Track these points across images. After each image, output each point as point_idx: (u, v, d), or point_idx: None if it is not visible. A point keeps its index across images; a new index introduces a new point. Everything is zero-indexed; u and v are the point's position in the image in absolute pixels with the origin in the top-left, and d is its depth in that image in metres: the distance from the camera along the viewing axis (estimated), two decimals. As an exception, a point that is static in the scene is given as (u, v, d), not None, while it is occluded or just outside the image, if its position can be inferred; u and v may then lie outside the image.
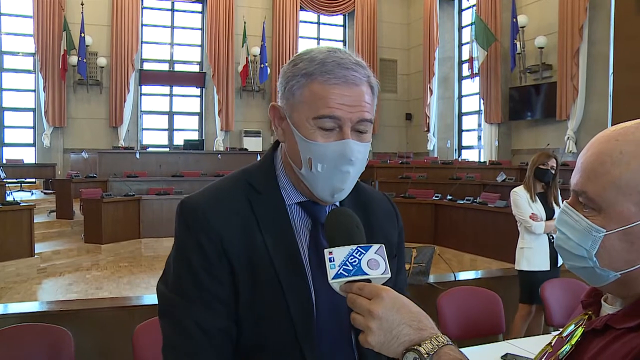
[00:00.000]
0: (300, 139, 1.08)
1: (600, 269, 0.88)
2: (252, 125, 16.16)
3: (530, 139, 13.34)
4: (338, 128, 1.07)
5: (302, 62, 1.09)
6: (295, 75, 1.08)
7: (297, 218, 1.15)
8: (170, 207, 10.36)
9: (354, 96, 1.06)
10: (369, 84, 1.10)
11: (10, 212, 7.96)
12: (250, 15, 16.01)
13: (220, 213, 1.09)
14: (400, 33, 17.97)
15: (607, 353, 0.85)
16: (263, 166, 1.19)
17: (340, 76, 1.05)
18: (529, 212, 4.36)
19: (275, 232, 1.11)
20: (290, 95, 1.09)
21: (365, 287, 0.93)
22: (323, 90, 1.05)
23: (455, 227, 9.59)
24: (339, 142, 1.06)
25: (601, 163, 0.86)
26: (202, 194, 1.14)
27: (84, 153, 12.96)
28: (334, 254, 0.97)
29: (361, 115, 1.07)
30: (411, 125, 17.61)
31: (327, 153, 1.07)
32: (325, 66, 1.06)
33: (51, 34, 14.39)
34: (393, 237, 1.26)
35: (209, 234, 1.07)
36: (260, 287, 1.07)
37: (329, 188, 1.10)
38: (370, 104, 1.10)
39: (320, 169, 1.08)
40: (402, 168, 12.36)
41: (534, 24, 12.95)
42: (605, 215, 0.86)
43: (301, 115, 1.08)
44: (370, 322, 0.90)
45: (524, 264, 4.40)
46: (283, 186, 1.16)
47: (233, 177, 1.18)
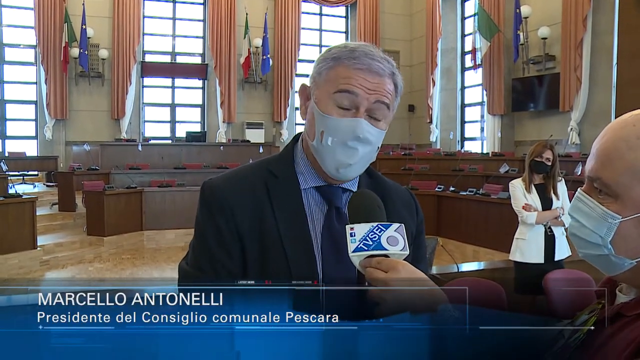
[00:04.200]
0: (318, 113, 1.15)
1: (615, 257, 0.87)
2: (255, 117, 16.13)
3: (533, 131, 13.29)
4: (354, 108, 1.13)
5: (334, 49, 1.17)
6: (325, 59, 1.17)
7: (313, 203, 1.21)
8: (173, 199, 10.39)
9: (375, 82, 1.12)
10: (392, 79, 1.16)
11: (12, 205, 7.97)
12: (252, 6, 15.94)
13: (236, 194, 1.17)
14: (402, 24, 17.88)
15: (617, 339, 0.84)
16: (283, 155, 1.27)
17: (366, 63, 1.12)
18: (521, 202, 4.36)
19: (288, 214, 1.16)
20: (318, 75, 1.17)
21: (384, 262, 0.97)
22: (347, 72, 1.12)
23: (458, 218, 9.57)
24: (352, 119, 1.12)
25: (616, 149, 0.85)
26: (223, 176, 1.22)
27: (86, 145, 12.95)
28: (355, 230, 1.02)
29: (379, 97, 1.13)
30: (414, 116, 17.56)
31: (339, 127, 1.13)
32: (354, 53, 1.13)
33: (52, 26, 14.34)
34: (411, 227, 1.28)
35: (224, 212, 1.15)
36: (268, 265, 1.13)
37: (335, 162, 1.15)
38: (391, 94, 1.16)
39: (330, 142, 1.14)
40: (405, 159, 12.35)
41: (537, 15, 12.87)
42: (620, 201, 0.85)
43: (323, 92, 1.15)
44: (386, 295, 0.93)
45: (518, 255, 4.39)
46: (301, 171, 1.22)
47: (254, 164, 1.27)
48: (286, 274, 1.10)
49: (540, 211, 4.31)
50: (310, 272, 1.12)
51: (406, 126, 17.66)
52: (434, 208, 10.07)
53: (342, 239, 1.05)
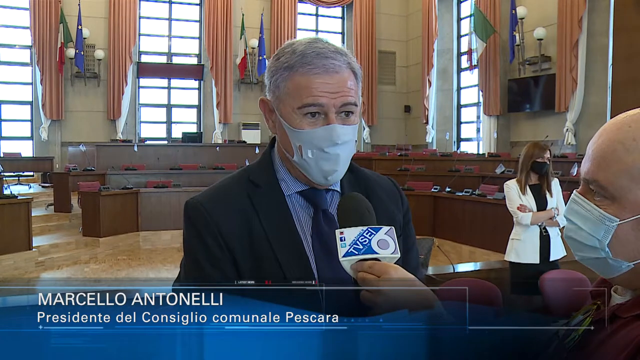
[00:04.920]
0: (289, 129, 1.13)
1: (612, 260, 0.86)
2: (251, 118, 16.12)
3: (529, 131, 13.32)
4: (323, 115, 1.11)
5: (283, 56, 1.14)
6: (278, 69, 1.13)
7: (299, 207, 1.19)
8: (169, 200, 10.37)
9: (335, 83, 1.10)
10: (350, 70, 1.14)
11: (7, 206, 7.94)
12: (249, 7, 15.94)
13: (220, 209, 1.15)
14: (399, 25, 17.89)
15: (613, 340, 0.84)
16: (262, 162, 1.25)
17: (320, 65, 1.10)
18: (516, 203, 4.36)
19: (275, 222, 1.15)
20: (276, 88, 1.14)
21: (375, 265, 0.97)
22: (305, 81, 1.10)
23: (454, 219, 9.58)
24: (325, 127, 1.11)
25: (613, 150, 0.85)
26: (205, 193, 1.20)
27: (81, 146, 12.90)
28: (344, 234, 1.01)
29: (344, 99, 1.11)
30: (410, 117, 17.57)
31: (315, 139, 1.11)
32: (305, 58, 1.10)
33: (48, 27, 14.29)
34: (397, 217, 1.28)
35: (211, 230, 1.13)
36: (262, 275, 1.10)
37: (321, 172, 1.14)
38: (354, 88, 1.13)
39: (310, 155, 1.12)
40: (401, 160, 12.33)
41: (533, 16, 12.90)
42: (618, 204, 0.84)
43: (287, 107, 1.12)
44: (378, 298, 0.93)
45: (513, 255, 4.39)
46: (282, 178, 1.20)
47: (235, 175, 1.25)
48: (281, 281, 1.08)
49: (535, 212, 4.32)
50: (305, 276, 1.11)
51: (402, 127, 17.67)
52: (430, 209, 10.08)
53: (332, 240, 1.05)
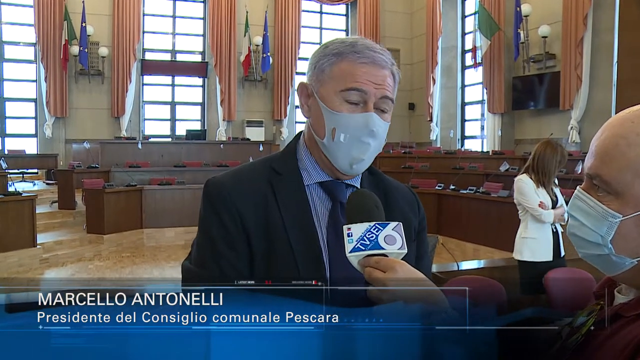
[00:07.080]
0: (327, 111, 1.16)
1: (615, 256, 0.85)
2: (255, 115, 16.12)
3: (534, 129, 13.29)
4: (363, 103, 1.14)
5: (332, 45, 1.18)
6: (326, 55, 1.17)
7: (317, 198, 1.22)
8: (173, 197, 10.39)
9: (380, 76, 1.14)
10: (392, 71, 1.17)
11: (12, 203, 7.97)
12: (253, 4, 15.92)
13: (240, 190, 1.17)
14: (403, 22, 17.86)
15: (616, 339, 0.83)
16: (285, 151, 1.28)
17: (369, 56, 1.14)
18: (536, 200, 4.26)
19: (293, 209, 1.17)
20: (320, 72, 1.18)
21: (382, 261, 0.97)
22: (352, 67, 1.14)
23: (458, 216, 9.57)
24: (364, 113, 1.14)
25: (616, 145, 0.84)
26: (226, 174, 1.22)
27: (85, 143, 12.94)
28: (352, 230, 1.01)
29: (385, 92, 1.15)
30: (414, 114, 17.55)
31: (351, 123, 1.14)
32: (355, 47, 1.15)
33: (52, 24, 14.31)
34: (413, 221, 1.31)
35: (229, 209, 1.15)
36: (275, 260, 1.13)
37: (349, 158, 1.16)
38: (392, 86, 1.18)
39: (342, 139, 1.15)
40: (405, 158, 12.34)
41: (538, 13, 12.85)
42: (621, 199, 0.84)
43: (329, 90, 1.16)
44: (384, 295, 0.92)
45: (527, 254, 4.28)
46: (304, 167, 1.23)
47: (256, 162, 1.28)
48: (293, 269, 1.11)
49: (554, 209, 4.24)
50: (318, 266, 1.13)
51: (406, 124, 17.65)
52: (434, 206, 10.07)
53: None
